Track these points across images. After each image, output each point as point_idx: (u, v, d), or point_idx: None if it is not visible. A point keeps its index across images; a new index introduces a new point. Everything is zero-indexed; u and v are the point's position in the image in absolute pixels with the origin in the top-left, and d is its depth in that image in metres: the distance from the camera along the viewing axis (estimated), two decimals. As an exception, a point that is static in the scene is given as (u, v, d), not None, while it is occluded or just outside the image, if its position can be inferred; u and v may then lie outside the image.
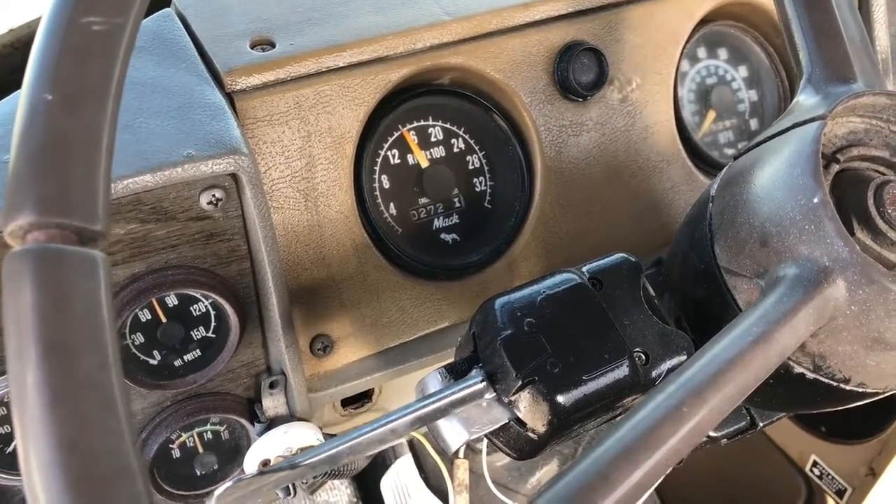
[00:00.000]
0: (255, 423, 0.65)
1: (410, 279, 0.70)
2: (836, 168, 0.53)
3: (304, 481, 1.01)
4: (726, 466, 1.62)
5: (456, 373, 0.53)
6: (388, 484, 1.20)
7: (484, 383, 0.51)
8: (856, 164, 0.55)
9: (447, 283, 0.72)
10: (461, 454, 0.86)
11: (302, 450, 0.61)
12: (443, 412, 0.50)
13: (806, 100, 0.55)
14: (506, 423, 0.52)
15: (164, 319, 0.60)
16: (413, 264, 0.70)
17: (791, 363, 0.51)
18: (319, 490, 1.83)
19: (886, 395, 0.53)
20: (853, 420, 1.25)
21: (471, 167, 0.76)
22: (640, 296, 0.57)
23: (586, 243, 0.77)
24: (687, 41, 0.82)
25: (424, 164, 0.73)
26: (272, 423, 0.65)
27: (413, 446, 1.07)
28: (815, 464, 1.32)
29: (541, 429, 0.51)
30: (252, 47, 0.64)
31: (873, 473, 1.21)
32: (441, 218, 0.74)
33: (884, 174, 0.55)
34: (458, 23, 0.69)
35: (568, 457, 0.87)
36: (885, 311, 0.46)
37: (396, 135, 0.72)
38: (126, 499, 0.29)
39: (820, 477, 1.32)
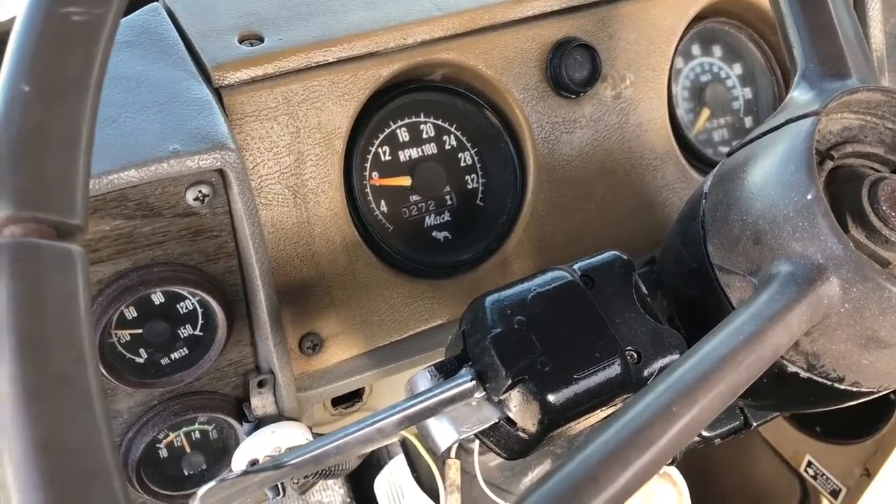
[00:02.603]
0: (244, 423, 0.64)
1: (401, 277, 0.70)
2: (830, 164, 0.52)
3: (295, 481, 1.01)
4: (721, 467, 1.61)
5: (445, 371, 0.52)
6: (382, 484, 1.19)
7: (473, 382, 0.50)
8: (850, 160, 0.54)
9: (439, 281, 0.72)
10: (452, 454, 0.85)
11: (290, 450, 0.60)
12: (432, 411, 0.50)
13: (800, 95, 0.55)
14: (496, 423, 0.52)
15: (150, 317, 0.59)
16: (404, 262, 0.70)
17: (785, 362, 0.51)
18: (312, 490, 1.82)
19: (880, 394, 0.53)
20: (848, 420, 1.24)
21: (463, 164, 0.75)
22: (633, 294, 0.57)
23: (579, 241, 0.76)
24: (681, 38, 0.81)
25: (416, 161, 0.72)
26: (260, 423, 0.64)
27: (405, 446, 1.07)
28: (809, 464, 1.32)
29: (531, 428, 0.50)
30: (240, 42, 0.63)
31: (868, 474, 1.21)
32: (433, 215, 0.73)
33: (878, 171, 0.54)
34: (450, 18, 0.68)
35: (561, 457, 0.86)
36: (880, 310, 0.45)
37: (388, 131, 0.71)
38: (101, 498, 0.29)
39: (815, 477, 1.31)
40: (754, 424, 0.64)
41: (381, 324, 0.69)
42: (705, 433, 0.64)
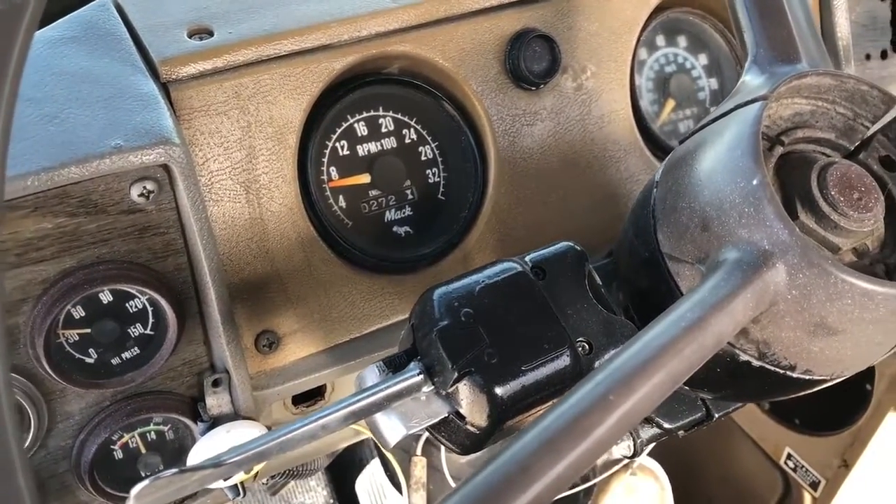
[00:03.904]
0: (198, 423, 0.63)
1: (360, 273, 0.69)
2: (780, 150, 0.52)
3: (264, 482, 1.00)
4: (705, 462, 1.61)
5: (394, 366, 0.52)
6: (363, 485, 1.18)
7: (422, 376, 0.50)
8: (801, 146, 0.54)
9: (399, 276, 0.71)
10: (418, 451, 0.85)
11: (232, 448, 0.59)
12: (379, 406, 0.49)
13: (751, 80, 0.54)
14: (446, 417, 0.51)
15: (99, 317, 0.58)
16: (363, 258, 0.69)
17: (736, 351, 0.50)
18: (295, 492, 1.81)
19: (835, 382, 0.52)
20: (826, 412, 1.24)
21: (423, 158, 0.74)
22: (585, 284, 0.56)
23: (542, 234, 0.75)
24: (644, 28, 0.81)
25: (375, 155, 0.71)
26: (216, 422, 0.63)
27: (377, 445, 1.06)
28: (789, 456, 1.32)
29: (481, 422, 0.50)
30: (190, 36, 0.63)
31: (846, 465, 1.21)
32: (393, 210, 0.72)
33: (829, 156, 0.54)
34: (405, 10, 0.68)
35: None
36: (827, 296, 0.45)
37: (345, 125, 0.70)
38: (2, 497, 0.28)
39: (794, 469, 1.31)
40: (716, 415, 0.64)
41: (341, 320, 0.68)
42: (667, 425, 0.63)
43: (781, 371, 0.50)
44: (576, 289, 0.55)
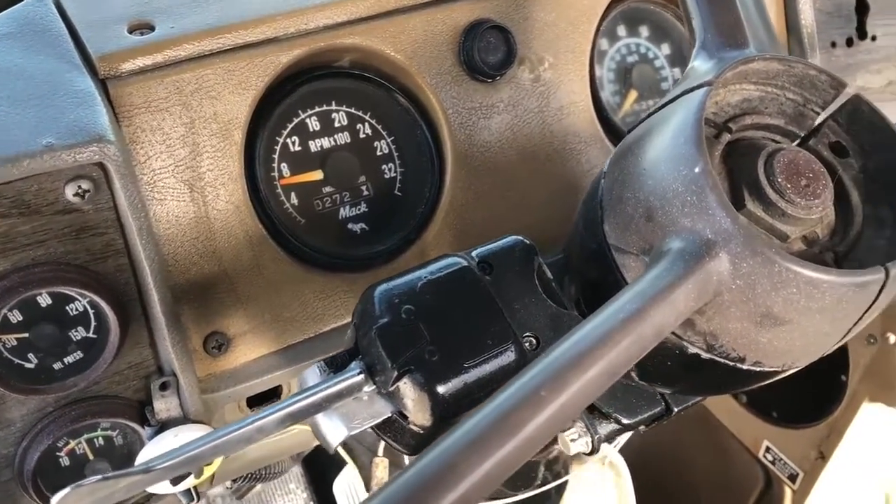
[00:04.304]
0: (146, 427, 0.61)
1: (313, 272, 0.67)
2: (727, 137, 0.51)
3: (228, 486, 0.98)
4: (687, 457, 1.60)
5: (336, 365, 0.50)
6: (341, 486, 1.17)
7: (362, 376, 0.48)
8: (750, 133, 0.52)
9: (354, 274, 0.69)
10: (380, 452, 0.83)
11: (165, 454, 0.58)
12: (318, 407, 0.48)
13: (699, 66, 0.53)
14: (390, 418, 0.50)
15: (37, 320, 0.57)
16: (315, 256, 0.67)
17: (684, 343, 0.49)
18: (274, 495, 1.79)
19: (787, 373, 0.51)
20: (803, 404, 1.24)
21: (379, 153, 0.73)
22: (534, 279, 0.55)
23: (501, 229, 0.73)
24: (603, 18, 0.79)
25: (328, 151, 0.70)
26: (164, 427, 0.61)
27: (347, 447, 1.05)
28: (767, 449, 1.31)
29: (424, 421, 0.48)
30: (130, 32, 0.61)
31: (823, 457, 1.20)
32: (347, 207, 0.71)
33: (779, 142, 0.52)
34: (354, 2, 0.66)
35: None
36: (771, 285, 0.44)
37: (297, 121, 0.69)
38: None
39: (773, 462, 1.31)
40: (676, 409, 0.62)
41: (293, 321, 0.67)
42: (626, 420, 0.62)
43: (731, 363, 0.49)
44: (524, 283, 0.54)
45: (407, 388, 0.47)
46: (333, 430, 0.49)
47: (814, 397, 1.21)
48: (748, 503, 1.42)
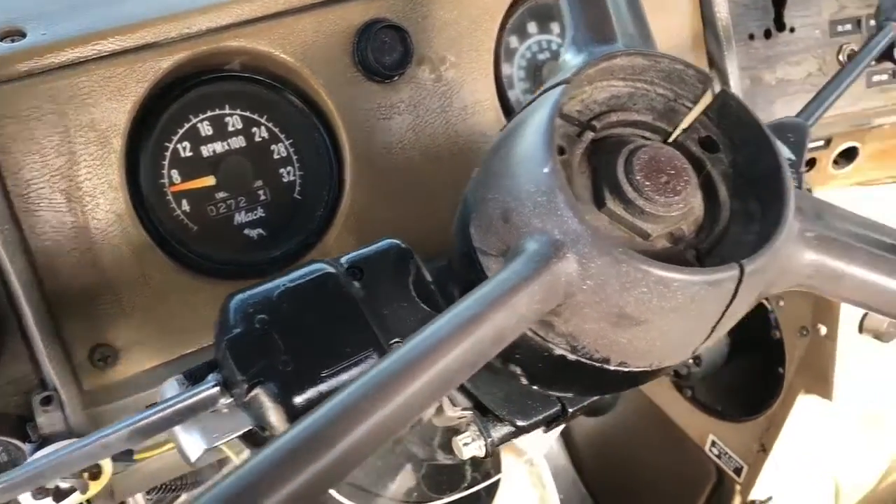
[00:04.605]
0: (27, 443, 0.60)
1: (203, 280, 0.66)
2: (590, 135, 0.50)
3: (150, 497, 0.97)
4: (643, 453, 1.60)
5: (195, 378, 0.49)
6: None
7: (218, 388, 0.47)
8: (619, 130, 0.52)
9: (249, 281, 0.67)
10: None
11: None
12: (172, 421, 0.46)
13: (567, 62, 0.52)
14: (251, 430, 0.49)
15: None
16: (205, 264, 0.66)
17: (549, 345, 0.48)
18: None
19: (659, 372, 0.50)
20: (743, 398, 1.24)
21: (277, 157, 0.71)
22: (409, 283, 0.54)
23: (406, 231, 0.72)
24: (510, 15, 0.78)
25: (221, 156, 0.69)
26: (46, 442, 0.60)
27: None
28: (713, 444, 1.31)
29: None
30: (0, 39, 0.59)
31: (764, 449, 1.20)
32: (243, 212, 0.70)
33: (649, 139, 0.52)
34: (239, 4, 0.65)
35: (421, 461, 0.83)
36: (621, 285, 0.43)
37: (187, 126, 0.68)
38: None
39: (719, 456, 1.30)
40: (571, 410, 0.62)
41: (184, 331, 0.65)
42: (521, 423, 0.61)
43: (598, 364, 0.48)
44: (396, 288, 0.53)
45: (262, 399, 0.46)
46: (192, 444, 0.48)
47: (754, 391, 1.20)
48: (701, 498, 1.42)
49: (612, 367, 0.48)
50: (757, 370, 1.19)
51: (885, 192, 1.09)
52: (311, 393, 0.46)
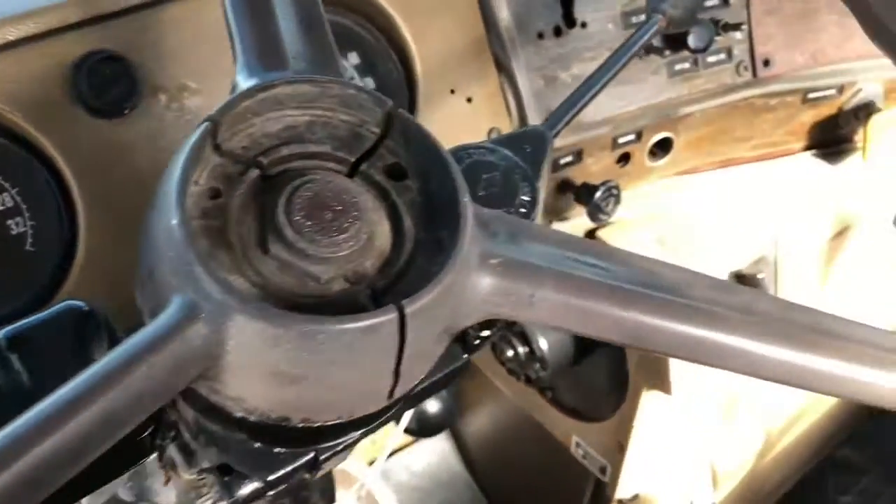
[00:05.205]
0: None
1: None
2: (255, 173, 0.45)
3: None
4: (530, 454, 1.58)
5: None
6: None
7: None
8: (297, 163, 0.47)
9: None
10: None
11: None
12: None
13: (240, 87, 0.47)
14: None
15: None
16: None
17: (226, 408, 0.43)
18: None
19: (359, 422, 0.46)
20: (599, 398, 1.23)
21: (2, 207, 0.65)
22: (90, 346, 0.49)
23: None
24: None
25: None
26: None
27: None
28: (577, 445, 1.29)
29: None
30: None
31: (621, 447, 1.19)
32: (-36, 273, 0.63)
33: (336, 170, 0.47)
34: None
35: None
36: (264, 343, 0.38)
37: None
38: None
39: (584, 457, 1.29)
40: (322, 458, 0.57)
41: None
42: (270, 477, 0.57)
43: (283, 424, 0.43)
44: (69, 355, 0.47)
45: None
46: None
47: (606, 391, 1.19)
48: (585, 496, 1.40)
49: (300, 426, 0.44)
50: (608, 370, 1.18)
51: (706, 178, 1.08)
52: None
